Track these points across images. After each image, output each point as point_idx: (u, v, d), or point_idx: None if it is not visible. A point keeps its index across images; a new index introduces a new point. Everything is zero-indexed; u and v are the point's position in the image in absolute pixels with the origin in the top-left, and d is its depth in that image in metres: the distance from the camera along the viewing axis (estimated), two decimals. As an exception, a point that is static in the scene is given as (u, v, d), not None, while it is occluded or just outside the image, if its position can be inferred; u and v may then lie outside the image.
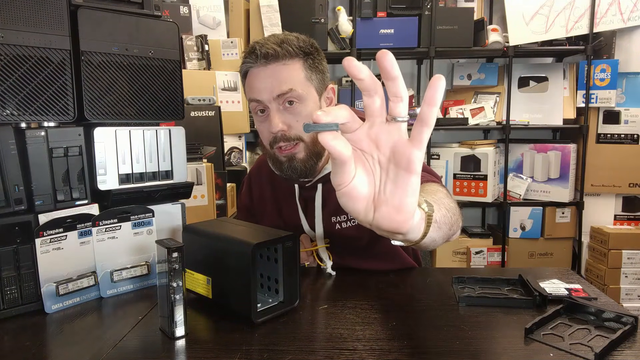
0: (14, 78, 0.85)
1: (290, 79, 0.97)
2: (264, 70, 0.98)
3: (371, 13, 2.57)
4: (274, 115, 0.99)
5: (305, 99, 0.99)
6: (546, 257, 2.78)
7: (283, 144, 1.01)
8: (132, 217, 0.98)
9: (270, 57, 0.96)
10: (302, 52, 0.99)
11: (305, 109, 0.99)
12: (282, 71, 0.97)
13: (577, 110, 2.72)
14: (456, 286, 0.95)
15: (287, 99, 0.98)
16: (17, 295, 0.87)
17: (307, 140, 1.02)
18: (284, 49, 0.97)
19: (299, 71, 0.99)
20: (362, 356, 0.69)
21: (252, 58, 0.98)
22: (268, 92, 0.98)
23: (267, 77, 0.97)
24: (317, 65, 1.02)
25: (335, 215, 1.10)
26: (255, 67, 0.99)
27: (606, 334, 0.74)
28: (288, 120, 0.99)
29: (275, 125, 0.98)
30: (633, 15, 2.53)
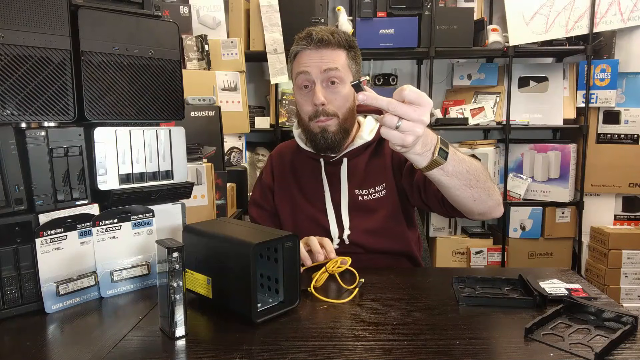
0: (14, 78, 0.85)
1: (337, 61, 1.15)
2: (316, 52, 1.14)
3: (371, 13, 2.57)
4: (318, 89, 1.14)
5: (344, 82, 1.16)
6: (546, 257, 2.78)
7: (322, 117, 1.16)
8: (132, 217, 0.98)
9: (324, 42, 1.14)
10: (347, 44, 1.17)
11: (344, 90, 1.16)
12: (330, 54, 1.14)
13: (577, 110, 2.72)
14: (456, 286, 0.95)
15: (332, 76, 1.14)
16: (17, 295, 0.87)
17: (341, 117, 1.17)
18: (335, 38, 1.15)
19: (344, 58, 1.16)
20: (362, 356, 0.69)
21: (307, 41, 1.15)
22: (317, 67, 1.14)
23: (317, 57, 1.14)
24: (356, 58, 1.20)
25: (360, 188, 1.22)
26: (308, 48, 1.15)
27: (606, 333, 0.74)
28: (329, 96, 1.15)
29: (318, 97, 1.14)
30: (633, 15, 2.53)
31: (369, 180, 1.23)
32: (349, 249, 1.20)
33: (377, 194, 1.22)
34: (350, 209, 1.21)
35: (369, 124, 1.28)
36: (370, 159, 1.24)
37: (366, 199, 1.22)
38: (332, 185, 1.24)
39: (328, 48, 1.14)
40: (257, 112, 2.77)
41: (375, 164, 1.23)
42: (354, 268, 1.01)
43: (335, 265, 1.01)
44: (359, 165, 1.23)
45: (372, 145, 1.25)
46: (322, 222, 1.22)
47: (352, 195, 1.22)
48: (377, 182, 1.22)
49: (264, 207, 1.33)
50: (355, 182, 1.23)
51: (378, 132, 1.24)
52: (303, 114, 1.20)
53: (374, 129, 1.25)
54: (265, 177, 1.36)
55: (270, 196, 1.32)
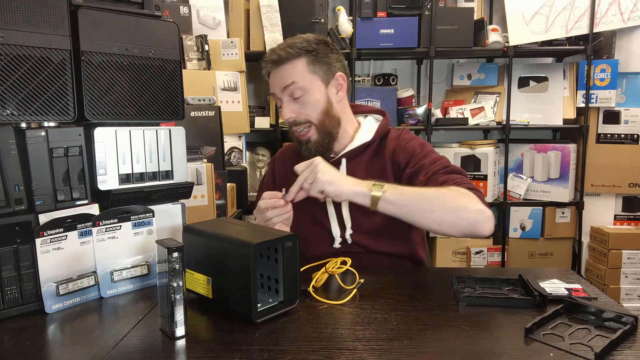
0: (14, 78, 0.85)
1: (293, 74, 1.16)
2: (276, 71, 1.19)
3: (371, 13, 2.56)
4: (285, 106, 1.20)
5: (308, 90, 1.17)
6: (546, 257, 2.78)
7: (296, 128, 1.20)
8: (132, 217, 0.98)
9: (278, 60, 1.17)
10: (304, 51, 1.17)
11: (311, 98, 1.18)
12: (286, 69, 1.17)
13: (577, 110, 2.72)
14: (456, 286, 0.95)
15: (291, 91, 1.17)
16: (18, 295, 0.87)
17: (316, 123, 1.19)
18: (287, 52, 1.16)
19: (302, 67, 1.17)
20: (362, 356, 0.69)
21: (265, 63, 1.21)
22: (277, 87, 1.19)
23: (277, 76, 1.19)
24: (321, 59, 1.19)
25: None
26: (269, 70, 1.21)
27: (606, 333, 0.74)
28: (296, 109, 1.18)
29: (284, 114, 1.19)
30: (633, 15, 2.53)
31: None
32: (350, 248, 1.19)
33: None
34: (351, 209, 1.21)
35: (368, 123, 1.28)
36: (371, 159, 1.24)
37: None
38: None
39: (286, 64, 1.17)
40: (257, 112, 2.77)
41: (376, 165, 1.23)
42: (354, 268, 1.01)
43: (335, 266, 1.01)
44: (359, 165, 1.23)
45: (372, 145, 1.25)
46: (324, 223, 1.22)
47: None
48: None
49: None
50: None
51: (377, 131, 1.25)
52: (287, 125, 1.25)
53: (373, 129, 1.26)
54: (267, 179, 1.37)
55: None
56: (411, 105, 2.73)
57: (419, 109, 2.68)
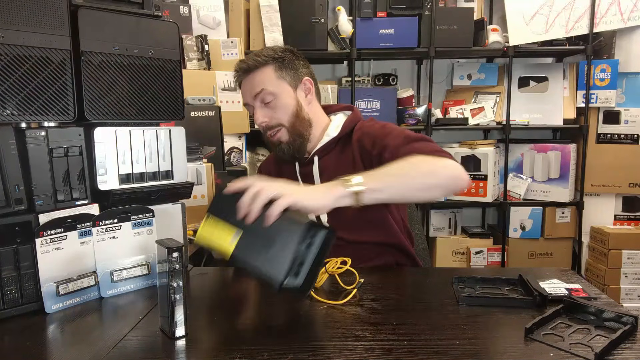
0: (14, 78, 0.85)
1: (262, 81, 1.22)
2: (245, 80, 1.25)
3: (371, 13, 2.56)
4: (256, 111, 1.24)
5: (277, 95, 1.22)
6: (546, 257, 2.78)
7: (269, 132, 1.25)
8: (132, 217, 0.98)
9: (246, 69, 1.23)
10: (271, 59, 1.23)
11: (280, 102, 1.23)
12: (255, 78, 1.23)
13: (577, 110, 2.72)
14: (456, 286, 0.95)
15: (262, 96, 1.22)
16: (17, 295, 0.87)
17: (288, 125, 1.24)
18: (255, 60, 1.23)
19: (270, 74, 1.23)
20: (362, 356, 0.69)
21: (237, 75, 1.27)
22: (248, 94, 1.24)
23: (247, 85, 1.25)
24: (287, 65, 1.24)
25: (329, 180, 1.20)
26: (241, 78, 1.26)
27: (606, 333, 0.74)
28: (268, 113, 1.24)
29: (256, 119, 1.24)
30: (633, 15, 2.53)
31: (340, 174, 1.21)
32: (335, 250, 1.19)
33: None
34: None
35: (337, 120, 1.31)
36: (341, 152, 1.27)
37: None
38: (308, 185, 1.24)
39: (255, 72, 1.22)
40: (257, 112, 2.76)
41: (346, 157, 1.25)
42: (354, 268, 1.01)
43: (335, 266, 1.01)
44: (330, 161, 1.26)
45: (342, 139, 1.28)
46: None
47: None
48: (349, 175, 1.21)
49: None
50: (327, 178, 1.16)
51: (344, 126, 1.28)
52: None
53: (339, 125, 1.29)
54: None
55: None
56: (411, 105, 2.73)
57: (419, 109, 2.68)
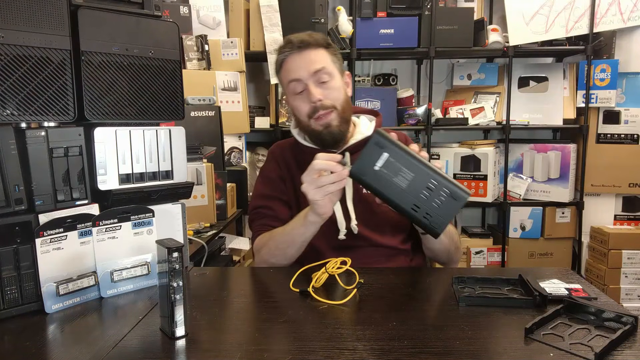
0: (14, 78, 0.85)
1: (321, 59, 1.21)
2: (299, 56, 1.20)
3: (371, 13, 2.56)
4: (313, 88, 1.19)
5: (333, 76, 1.22)
6: (546, 257, 2.78)
7: (322, 112, 1.20)
8: (132, 217, 0.98)
9: (305, 43, 1.20)
10: (325, 43, 1.24)
11: (335, 84, 1.22)
12: (314, 54, 1.21)
13: (577, 110, 2.72)
14: (456, 286, 0.95)
15: (320, 75, 1.19)
16: (17, 295, 0.87)
17: (339, 109, 1.22)
18: (313, 38, 1.21)
19: (327, 56, 1.22)
20: (362, 356, 0.69)
21: (289, 47, 1.21)
22: (305, 70, 1.19)
23: (303, 60, 1.20)
24: (336, 54, 1.26)
25: None
26: (291, 54, 1.21)
27: (606, 333, 0.74)
28: (323, 92, 1.20)
29: (314, 94, 1.18)
30: (633, 15, 2.53)
31: None
32: (354, 242, 1.20)
33: None
34: (354, 201, 1.22)
35: (364, 122, 1.32)
36: None
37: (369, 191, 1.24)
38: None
39: (309, 49, 1.20)
40: (257, 112, 2.77)
41: None
42: (354, 268, 1.01)
43: (335, 266, 1.01)
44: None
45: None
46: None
47: (356, 187, 1.23)
48: None
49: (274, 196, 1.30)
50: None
51: (375, 127, 1.29)
52: (302, 116, 1.23)
53: (370, 126, 1.30)
54: (272, 168, 1.34)
55: (281, 184, 1.30)
56: (411, 105, 2.73)
57: (419, 109, 2.68)
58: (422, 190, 0.93)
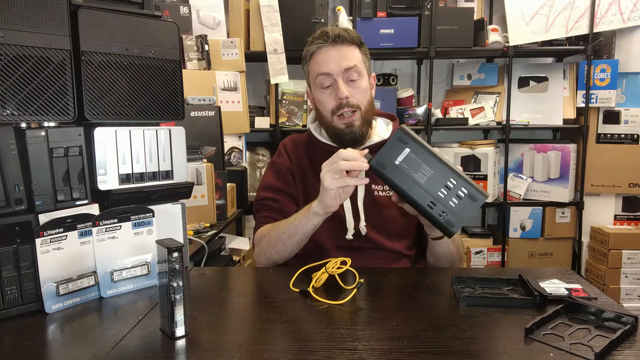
0: (14, 78, 0.85)
1: (354, 57, 1.20)
2: (332, 50, 1.19)
3: (371, 13, 2.56)
4: (342, 84, 1.18)
5: (363, 76, 1.21)
6: (546, 257, 2.78)
7: (346, 110, 1.19)
8: (132, 217, 0.98)
9: (340, 38, 1.19)
10: (359, 41, 1.23)
11: (363, 84, 1.21)
12: (347, 50, 1.20)
13: (577, 110, 2.72)
14: (456, 286, 0.95)
15: (351, 72, 1.18)
16: (17, 295, 0.87)
17: (363, 110, 1.21)
18: (349, 34, 1.20)
19: (358, 54, 1.22)
20: (362, 356, 0.69)
21: (323, 39, 1.19)
22: (337, 65, 1.18)
23: (336, 55, 1.19)
24: (367, 54, 1.26)
25: (376, 184, 1.25)
26: (324, 46, 1.19)
27: (606, 333, 0.75)
28: (351, 91, 1.19)
29: (342, 91, 1.18)
30: (633, 15, 2.53)
31: None
32: (361, 243, 1.20)
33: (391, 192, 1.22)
34: (365, 202, 1.21)
35: (381, 124, 1.31)
36: None
37: (382, 194, 1.24)
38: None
39: (344, 44, 1.19)
40: (257, 112, 2.77)
41: None
42: (354, 268, 1.01)
43: (335, 266, 1.01)
44: None
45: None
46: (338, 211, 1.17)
47: (368, 190, 1.23)
48: None
49: (281, 189, 1.29)
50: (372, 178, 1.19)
51: (392, 131, 1.28)
52: (325, 111, 1.22)
53: (388, 129, 1.30)
54: (282, 162, 1.32)
55: (290, 178, 1.29)
56: (411, 105, 2.73)
57: (419, 109, 2.68)
58: (440, 188, 0.93)
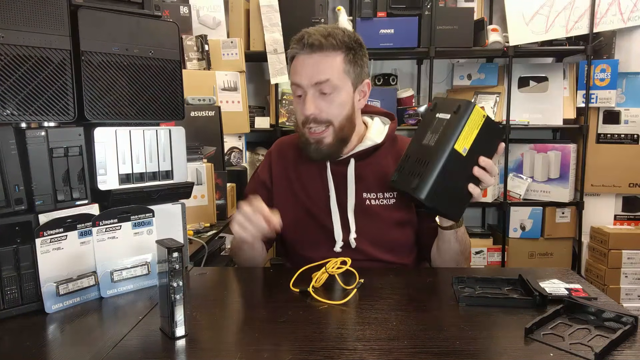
0: (14, 78, 0.85)
1: (329, 69, 1.08)
2: (308, 59, 1.09)
3: (371, 13, 2.56)
4: (309, 99, 1.09)
5: (339, 89, 1.10)
6: (546, 257, 2.77)
7: (314, 126, 1.11)
8: (132, 217, 0.98)
9: (315, 47, 1.07)
10: (344, 46, 1.10)
11: (339, 98, 1.10)
12: (323, 62, 1.08)
13: (577, 110, 2.72)
14: (456, 286, 0.95)
15: (322, 86, 1.08)
16: (18, 295, 0.87)
17: (337, 126, 1.12)
18: (329, 41, 1.08)
19: (339, 64, 1.09)
20: (362, 356, 0.69)
21: (299, 45, 1.09)
22: (307, 78, 1.09)
23: (309, 65, 1.09)
24: (357, 60, 1.12)
25: (368, 192, 1.18)
26: (301, 54, 1.10)
27: (606, 333, 0.75)
28: (321, 105, 1.10)
29: (307, 108, 1.09)
30: (633, 15, 2.53)
31: (379, 185, 1.19)
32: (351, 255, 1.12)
33: (385, 200, 1.18)
34: (356, 212, 1.17)
35: (376, 125, 1.24)
36: (382, 162, 1.20)
37: (373, 203, 1.18)
38: (338, 186, 1.18)
39: (321, 52, 1.08)
40: (257, 112, 2.77)
41: (388, 169, 1.18)
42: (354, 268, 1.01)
43: (335, 266, 1.01)
44: (368, 167, 1.19)
45: (381, 148, 1.21)
46: (325, 223, 1.17)
47: (359, 198, 1.18)
48: (387, 188, 1.19)
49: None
50: (363, 185, 1.18)
51: (387, 134, 1.21)
52: (298, 120, 1.16)
53: (382, 131, 1.22)
54: (261, 173, 1.28)
55: (264, 193, 1.23)
56: (411, 105, 2.73)
57: (419, 109, 2.68)
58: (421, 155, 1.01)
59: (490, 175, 1.03)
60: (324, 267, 1.00)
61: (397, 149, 1.22)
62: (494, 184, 1.03)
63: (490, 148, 1.03)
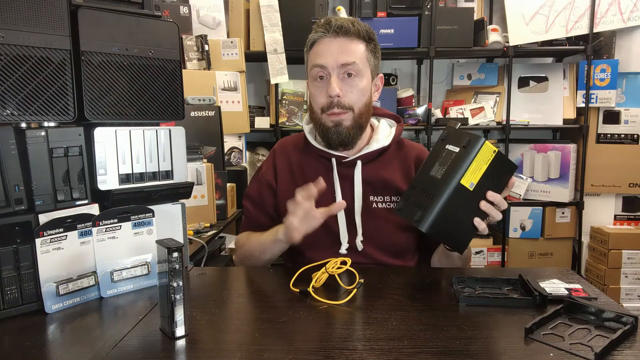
0: (14, 78, 0.85)
1: (355, 53, 1.11)
2: (333, 41, 1.10)
3: (371, 13, 2.57)
4: (334, 80, 1.10)
5: (362, 75, 1.12)
6: (546, 257, 2.78)
7: (335, 109, 1.11)
8: (132, 217, 0.98)
9: (343, 30, 1.10)
10: (367, 35, 1.13)
11: (361, 83, 1.12)
12: (350, 45, 1.10)
13: (577, 110, 2.72)
14: (456, 286, 0.95)
15: (349, 70, 1.10)
16: (17, 295, 0.87)
17: (356, 111, 1.13)
18: (355, 27, 1.11)
19: (362, 50, 1.12)
20: (362, 356, 0.69)
21: (325, 28, 1.11)
22: (334, 59, 1.09)
23: (336, 48, 1.10)
24: (375, 52, 1.17)
25: (375, 195, 1.18)
26: (326, 36, 1.11)
27: (606, 333, 0.75)
28: (345, 89, 1.11)
29: (333, 89, 1.09)
30: (633, 15, 2.53)
31: (386, 188, 1.18)
32: (356, 257, 1.13)
33: (392, 204, 1.18)
34: (363, 214, 1.16)
35: (384, 128, 1.23)
36: (388, 165, 1.19)
37: (380, 206, 1.17)
38: (344, 188, 1.18)
39: (347, 37, 1.10)
40: (257, 112, 2.77)
41: (394, 172, 1.18)
42: (354, 268, 1.01)
43: (335, 266, 1.01)
44: (375, 170, 1.18)
45: (387, 151, 1.20)
46: (331, 225, 1.15)
47: (366, 201, 1.17)
48: (394, 192, 1.18)
49: (257, 202, 1.26)
50: (370, 188, 1.18)
51: (394, 137, 1.21)
52: (316, 106, 1.14)
53: (390, 134, 1.21)
54: (265, 173, 1.27)
55: (269, 193, 1.24)
56: (411, 105, 2.73)
57: (419, 109, 2.68)
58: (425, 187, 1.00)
59: (499, 209, 0.99)
60: (324, 267, 1.00)
61: (403, 153, 1.22)
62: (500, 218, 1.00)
63: (500, 182, 1.00)
